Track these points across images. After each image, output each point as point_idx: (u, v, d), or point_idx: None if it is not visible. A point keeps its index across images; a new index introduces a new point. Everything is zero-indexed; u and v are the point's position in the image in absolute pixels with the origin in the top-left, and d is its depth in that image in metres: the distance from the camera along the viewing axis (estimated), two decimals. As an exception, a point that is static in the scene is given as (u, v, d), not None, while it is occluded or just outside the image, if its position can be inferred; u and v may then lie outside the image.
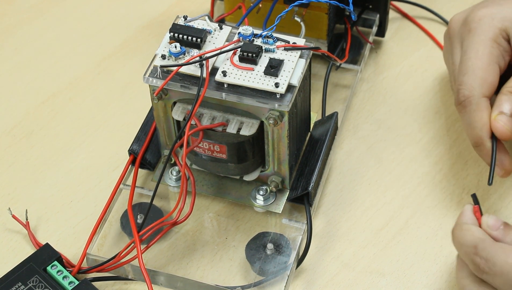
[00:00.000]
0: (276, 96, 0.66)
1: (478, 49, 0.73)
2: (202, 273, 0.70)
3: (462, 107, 0.72)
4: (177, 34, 0.67)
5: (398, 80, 0.84)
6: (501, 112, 0.70)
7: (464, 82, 0.72)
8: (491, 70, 0.72)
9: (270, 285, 0.69)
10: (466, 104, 0.72)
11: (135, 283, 0.70)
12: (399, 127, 0.80)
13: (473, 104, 0.71)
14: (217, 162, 0.70)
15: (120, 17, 0.91)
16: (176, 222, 0.68)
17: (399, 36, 0.88)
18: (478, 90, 0.71)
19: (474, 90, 0.72)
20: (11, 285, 0.67)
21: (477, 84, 0.72)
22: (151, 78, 0.67)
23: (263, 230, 0.72)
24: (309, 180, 0.71)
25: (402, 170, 0.77)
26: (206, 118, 0.68)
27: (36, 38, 0.89)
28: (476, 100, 0.71)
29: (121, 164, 0.77)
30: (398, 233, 0.73)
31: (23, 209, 0.74)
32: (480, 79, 0.72)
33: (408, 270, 0.71)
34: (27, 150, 0.80)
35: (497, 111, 0.70)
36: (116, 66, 0.87)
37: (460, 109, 0.73)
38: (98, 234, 0.71)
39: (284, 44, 0.68)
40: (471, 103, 0.71)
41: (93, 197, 0.76)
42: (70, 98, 0.84)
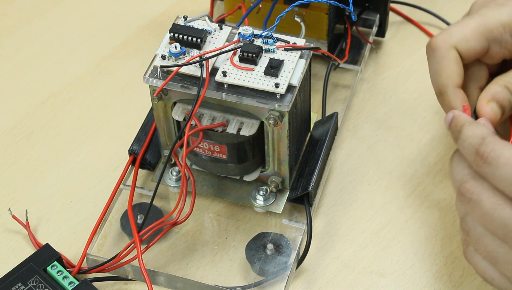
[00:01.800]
0: (276, 96, 0.66)
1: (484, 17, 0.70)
2: (202, 273, 0.70)
3: (432, 51, 0.70)
4: (177, 34, 0.67)
5: (398, 80, 0.84)
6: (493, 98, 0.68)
7: (447, 29, 0.71)
8: (478, 39, 0.70)
9: (270, 285, 0.69)
10: (435, 49, 0.70)
11: (135, 283, 0.70)
12: (399, 127, 0.80)
13: (443, 51, 0.69)
14: (217, 162, 0.70)
15: (120, 17, 0.91)
16: (176, 222, 0.68)
17: (399, 36, 0.88)
18: (453, 39, 0.70)
19: (450, 38, 0.70)
20: (11, 285, 0.67)
21: (457, 36, 0.70)
22: (151, 78, 0.67)
23: (263, 230, 0.72)
24: (309, 180, 0.71)
25: (402, 170, 0.77)
26: (206, 118, 0.68)
27: (36, 38, 0.89)
28: (446, 47, 0.69)
29: (121, 164, 0.77)
30: (398, 233, 0.73)
31: (23, 209, 0.74)
32: (463, 35, 0.70)
33: (408, 270, 0.71)
34: (27, 150, 0.80)
35: (489, 97, 0.69)
36: (116, 66, 0.87)
37: (429, 53, 0.71)
38: (98, 234, 0.71)
39: (284, 44, 0.68)
40: (441, 48, 0.70)
41: (93, 197, 0.76)
42: (70, 98, 0.84)
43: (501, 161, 0.61)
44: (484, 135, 0.63)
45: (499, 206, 0.61)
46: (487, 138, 0.63)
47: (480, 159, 0.62)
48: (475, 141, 0.63)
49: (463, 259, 0.71)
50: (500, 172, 0.61)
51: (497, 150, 0.61)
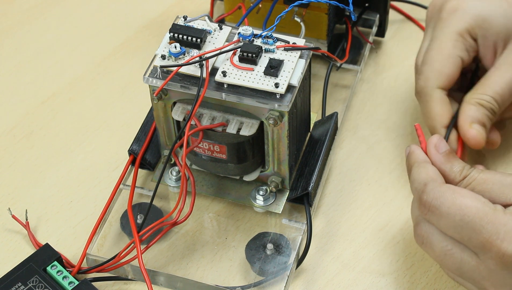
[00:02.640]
0: (276, 96, 0.66)
1: (442, 41, 0.74)
2: (202, 273, 0.70)
3: (419, 96, 0.74)
4: (177, 34, 0.67)
5: (398, 80, 0.84)
6: (473, 120, 0.71)
7: (422, 72, 0.74)
8: (450, 62, 0.73)
9: (270, 285, 0.69)
10: (422, 95, 0.74)
11: (135, 283, 0.70)
12: (399, 127, 0.80)
13: (427, 95, 0.73)
14: (217, 162, 0.70)
15: (120, 17, 0.91)
16: (176, 222, 0.68)
17: (399, 36, 0.88)
18: (432, 82, 0.73)
19: (429, 81, 0.73)
20: (11, 285, 0.67)
21: (432, 76, 0.73)
22: (151, 78, 0.67)
23: (263, 230, 0.72)
24: (309, 180, 0.71)
25: (402, 170, 0.77)
26: (206, 118, 0.68)
27: (36, 38, 0.89)
28: (429, 91, 0.73)
29: (121, 164, 0.77)
30: (398, 233, 0.73)
31: (23, 209, 0.74)
32: (436, 71, 0.73)
33: (408, 270, 0.71)
34: (27, 150, 0.80)
35: (469, 120, 0.71)
36: (116, 66, 0.87)
37: (418, 98, 0.75)
38: (98, 234, 0.71)
39: (284, 44, 0.68)
40: (426, 94, 0.73)
41: (93, 197, 0.76)
42: (70, 98, 0.84)
43: (443, 211, 0.62)
44: (427, 181, 0.64)
45: (449, 251, 0.63)
46: (429, 186, 0.64)
47: (423, 207, 0.63)
48: (419, 187, 0.64)
49: (463, 259, 0.71)
50: (444, 221, 0.62)
51: (437, 199, 0.62)
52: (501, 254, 0.60)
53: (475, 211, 0.61)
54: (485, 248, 0.60)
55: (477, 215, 0.60)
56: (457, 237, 0.62)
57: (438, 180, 0.64)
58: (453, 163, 0.66)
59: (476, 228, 0.60)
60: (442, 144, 0.67)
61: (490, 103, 0.72)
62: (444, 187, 0.63)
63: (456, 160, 0.66)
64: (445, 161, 0.66)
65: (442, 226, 0.62)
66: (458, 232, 0.61)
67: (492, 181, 0.64)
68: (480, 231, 0.60)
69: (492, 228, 0.60)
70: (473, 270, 0.62)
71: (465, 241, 0.61)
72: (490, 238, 0.60)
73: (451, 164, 0.66)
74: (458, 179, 0.65)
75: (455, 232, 0.62)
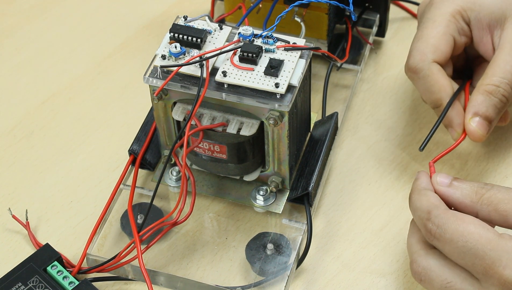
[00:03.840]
0: (276, 96, 0.65)
1: (435, 20, 0.73)
2: (202, 273, 0.70)
3: (414, 73, 0.73)
4: (177, 34, 0.67)
5: (398, 80, 0.84)
6: (475, 113, 0.71)
7: (416, 48, 0.73)
8: (444, 39, 0.73)
9: (270, 285, 0.69)
10: (418, 70, 0.73)
11: (135, 283, 0.70)
12: (399, 127, 0.80)
13: (425, 69, 0.72)
14: (217, 162, 0.70)
15: (120, 17, 0.91)
16: (176, 222, 0.68)
17: (400, 37, 0.88)
18: (429, 56, 0.73)
19: (425, 56, 0.73)
20: (11, 285, 0.67)
21: (428, 50, 0.73)
22: (151, 78, 0.67)
23: (263, 230, 0.72)
24: (309, 180, 0.71)
25: (402, 170, 0.77)
26: (206, 118, 0.68)
27: (36, 38, 0.89)
28: (427, 66, 0.72)
29: (121, 164, 0.77)
30: (398, 233, 0.73)
31: (23, 209, 0.74)
32: (432, 46, 0.73)
33: (408, 270, 0.71)
34: (27, 150, 0.80)
35: (472, 112, 0.71)
36: (116, 66, 0.87)
37: (412, 75, 0.74)
38: (98, 234, 0.71)
39: (284, 44, 0.68)
40: (423, 68, 0.72)
41: (93, 197, 0.76)
42: (70, 98, 0.84)
43: (447, 237, 0.62)
44: (430, 208, 0.64)
45: (448, 284, 0.63)
46: (432, 212, 0.64)
47: (430, 235, 0.64)
48: (423, 215, 0.64)
49: (463, 259, 0.71)
50: (448, 247, 0.62)
51: (441, 226, 0.63)
52: (502, 280, 0.60)
53: (478, 237, 0.61)
54: (487, 274, 0.60)
55: (480, 241, 0.61)
56: (461, 263, 0.62)
57: (441, 206, 0.64)
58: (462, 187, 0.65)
59: (478, 254, 0.61)
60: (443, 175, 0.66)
61: (499, 87, 0.71)
62: (448, 213, 0.63)
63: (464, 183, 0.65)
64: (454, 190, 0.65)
65: (446, 252, 0.63)
66: (461, 258, 0.62)
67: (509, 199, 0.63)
68: (482, 257, 0.60)
69: (494, 254, 0.60)
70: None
71: (469, 267, 0.62)
72: (493, 264, 0.60)
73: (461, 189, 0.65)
74: (476, 200, 0.64)
75: (459, 258, 0.62)
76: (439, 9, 0.74)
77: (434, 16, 0.74)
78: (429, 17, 0.74)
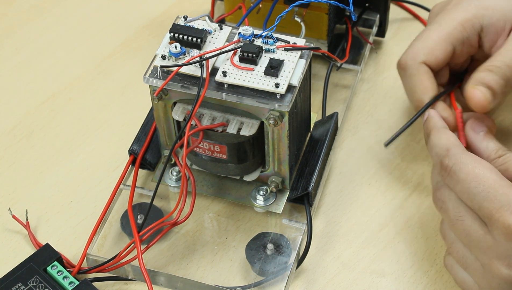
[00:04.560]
0: (276, 96, 0.66)
1: (440, 24, 0.74)
2: (202, 273, 0.70)
3: (402, 69, 0.74)
4: (177, 34, 0.67)
5: (398, 80, 0.84)
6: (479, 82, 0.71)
7: (412, 45, 0.74)
8: (443, 46, 0.73)
9: (270, 286, 0.69)
10: (406, 67, 0.74)
11: (135, 283, 0.70)
12: (399, 127, 0.80)
13: (413, 68, 0.73)
14: (217, 163, 0.70)
15: (120, 17, 0.91)
16: (176, 222, 0.68)
17: (400, 37, 0.88)
18: (421, 57, 0.73)
19: (418, 56, 0.73)
20: (11, 285, 0.67)
21: (422, 51, 0.73)
22: (151, 78, 0.67)
23: (263, 230, 0.72)
24: (309, 181, 0.71)
25: (402, 170, 0.77)
26: (206, 119, 0.68)
27: (36, 38, 0.89)
28: (416, 65, 0.73)
29: (121, 164, 0.77)
30: (398, 233, 0.73)
31: (23, 209, 0.74)
32: (427, 48, 0.73)
33: (408, 270, 0.71)
34: (27, 150, 0.80)
35: (475, 82, 0.71)
36: (116, 66, 0.87)
37: (400, 72, 0.75)
38: (98, 234, 0.71)
39: (284, 45, 0.68)
40: (411, 66, 0.73)
41: (93, 197, 0.76)
42: (70, 98, 0.84)
43: (461, 176, 0.64)
44: (449, 146, 0.66)
45: (460, 217, 0.64)
46: (451, 150, 0.65)
47: (444, 171, 0.65)
48: (441, 152, 0.66)
49: (463, 259, 0.71)
50: (460, 186, 0.64)
51: (459, 164, 0.64)
52: (507, 225, 0.61)
53: (492, 182, 0.62)
54: (494, 217, 0.61)
55: (493, 185, 0.62)
56: (470, 204, 0.63)
57: (461, 146, 0.66)
58: (489, 142, 0.68)
59: (488, 197, 0.62)
60: (480, 123, 0.69)
61: (501, 68, 0.71)
62: (467, 154, 0.65)
63: (492, 140, 0.68)
64: (482, 140, 0.68)
65: (457, 191, 0.64)
66: (471, 199, 0.63)
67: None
68: (491, 200, 0.62)
69: (504, 199, 0.61)
70: (480, 239, 0.63)
71: (476, 209, 0.63)
72: (501, 208, 0.61)
73: (487, 143, 0.68)
74: (493, 157, 0.67)
75: (468, 199, 0.63)
76: (449, 14, 0.74)
77: (442, 20, 0.74)
78: (438, 20, 0.74)
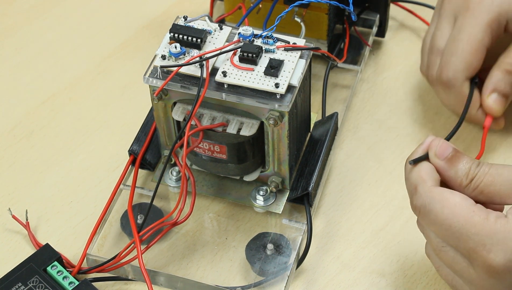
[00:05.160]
0: (276, 96, 0.66)
1: (471, 33, 0.74)
2: (202, 273, 0.70)
3: (446, 87, 0.75)
4: (177, 34, 0.67)
5: (398, 80, 0.84)
6: (494, 90, 0.74)
7: (450, 62, 0.74)
8: (479, 55, 0.74)
9: (270, 286, 0.69)
10: (450, 86, 0.75)
11: (135, 283, 0.70)
12: (399, 127, 0.80)
13: (458, 86, 0.75)
14: (217, 163, 0.70)
15: (120, 17, 0.91)
16: (176, 223, 0.68)
17: (399, 37, 0.88)
18: (463, 74, 0.74)
19: (458, 73, 0.74)
20: (11, 285, 0.67)
21: (462, 67, 0.74)
22: (151, 79, 0.67)
23: (263, 230, 0.72)
24: (309, 181, 0.71)
25: (402, 170, 0.77)
26: (206, 119, 0.68)
27: (36, 38, 0.89)
28: (460, 83, 0.74)
29: (121, 164, 0.77)
30: (398, 233, 0.73)
31: (23, 209, 0.74)
32: (466, 63, 0.74)
33: (408, 271, 0.71)
34: (27, 150, 0.80)
35: (490, 89, 0.75)
36: (116, 66, 0.87)
37: (443, 88, 0.76)
38: (98, 234, 0.71)
39: (284, 45, 0.68)
40: (455, 85, 0.75)
41: (93, 197, 0.76)
42: (70, 98, 0.84)
43: (431, 218, 0.61)
44: (417, 183, 0.63)
45: (443, 248, 0.62)
46: (418, 189, 0.62)
47: (415, 210, 0.63)
48: (410, 189, 0.64)
49: (463, 259, 0.71)
50: (433, 227, 0.62)
51: (427, 205, 0.62)
52: (487, 264, 0.59)
53: (463, 222, 0.60)
54: (472, 257, 0.60)
55: (465, 225, 0.60)
56: (447, 242, 0.62)
57: (428, 182, 0.62)
58: (457, 167, 0.63)
59: (462, 238, 0.60)
60: (444, 147, 0.64)
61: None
62: (434, 191, 0.62)
63: (460, 162, 0.63)
64: (449, 167, 0.63)
65: (432, 230, 0.62)
66: (446, 238, 0.61)
67: (500, 182, 0.62)
68: (466, 241, 0.60)
69: (478, 239, 0.59)
70: (464, 271, 0.61)
71: (453, 247, 0.61)
72: (477, 248, 0.59)
73: (456, 168, 0.63)
74: (465, 183, 0.63)
75: (444, 237, 0.61)
76: (475, 18, 0.74)
77: (470, 28, 0.74)
78: (465, 27, 0.74)
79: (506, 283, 0.60)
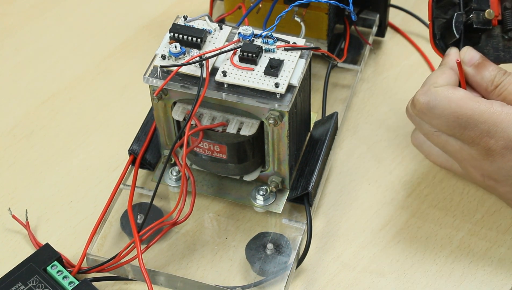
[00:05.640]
0: (276, 96, 0.66)
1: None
2: (202, 273, 0.70)
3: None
4: (177, 34, 0.67)
5: (398, 80, 0.84)
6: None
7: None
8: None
9: (270, 285, 0.69)
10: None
11: (135, 283, 0.70)
12: (399, 127, 0.80)
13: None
14: (217, 162, 0.70)
15: (120, 17, 0.91)
16: (176, 222, 0.68)
17: (399, 36, 0.88)
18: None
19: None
20: (11, 285, 0.67)
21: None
22: (151, 78, 0.67)
23: (263, 230, 0.72)
24: (309, 180, 0.71)
25: (402, 170, 0.77)
26: (206, 118, 0.68)
27: (36, 38, 0.89)
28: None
29: (121, 164, 0.77)
30: (398, 233, 0.73)
31: (23, 209, 0.74)
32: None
33: (408, 270, 0.71)
34: (27, 150, 0.80)
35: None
36: (116, 66, 0.87)
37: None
38: (98, 234, 0.71)
39: (284, 44, 0.68)
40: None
41: (93, 197, 0.76)
42: (70, 98, 0.84)
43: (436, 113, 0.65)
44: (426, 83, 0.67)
45: (436, 132, 0.67)
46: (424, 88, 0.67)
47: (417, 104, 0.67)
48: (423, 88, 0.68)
49: (463, 259, 0.71)
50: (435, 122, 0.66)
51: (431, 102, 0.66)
52: (487, 148, 0.64)
53: (471, 112, 0.64)
54: (474, 142, 0.64)
55: (472, 116, 0.64)
56: (449, 133, 0.66)
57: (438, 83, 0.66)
58: (483, 73, 0.68)
59: (469, 127, 0.64)
60: (472, 54, 0.68)
61: None
62: (438, 89, 0.66)
63: (487, 70, 0.68)
64: (476, 73, 0.68)
65: (435, 123, 0.66)
66: (450, 129, 0.65)
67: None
68: (472, 129, 0.64)
69: (484, 127, 0.64)
70: (456, 151, 0.66)
71: (456, 136, 0.65)
72: (481, 134, 0.64)
73: (482, 74, 0.68)
74: (491, 89, 0.67)
75: (448, 129, 0.65)
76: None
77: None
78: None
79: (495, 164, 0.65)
